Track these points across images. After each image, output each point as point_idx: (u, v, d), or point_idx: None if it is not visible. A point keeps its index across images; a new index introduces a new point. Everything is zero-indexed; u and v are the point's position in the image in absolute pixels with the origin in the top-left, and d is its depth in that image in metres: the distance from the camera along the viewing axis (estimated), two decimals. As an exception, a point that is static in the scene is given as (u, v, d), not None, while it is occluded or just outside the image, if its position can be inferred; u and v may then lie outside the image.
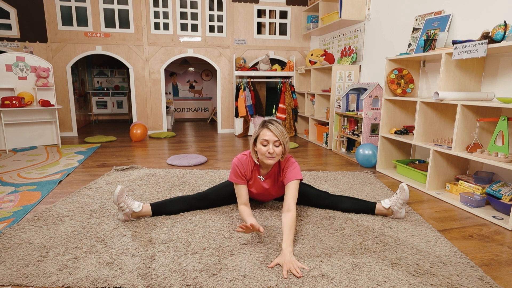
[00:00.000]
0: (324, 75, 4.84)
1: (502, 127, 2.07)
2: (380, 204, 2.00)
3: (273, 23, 5.55)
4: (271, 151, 1.75)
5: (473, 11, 2.55)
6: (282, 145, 1.78)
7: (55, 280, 1.32)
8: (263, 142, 1.77)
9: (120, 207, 1.85)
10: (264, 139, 1.76)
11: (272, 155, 1.77)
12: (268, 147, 1.76)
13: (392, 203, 1.97)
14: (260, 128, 1.81)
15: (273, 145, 1.76)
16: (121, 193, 1.83)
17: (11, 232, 1.74)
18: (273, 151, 1.75)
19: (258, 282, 1.32)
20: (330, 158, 3.76)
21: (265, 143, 1.77)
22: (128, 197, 1.89)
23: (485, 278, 1.37)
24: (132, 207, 1.87)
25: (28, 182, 2.66)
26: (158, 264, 1.44)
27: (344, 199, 2.09)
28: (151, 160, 3.53)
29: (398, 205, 1.95)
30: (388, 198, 2.02)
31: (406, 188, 1.90)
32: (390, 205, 1.97)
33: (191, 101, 8.19)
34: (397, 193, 1.97)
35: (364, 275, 1.38)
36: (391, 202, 1.97)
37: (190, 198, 2.07)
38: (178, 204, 2.02)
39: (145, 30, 5.11)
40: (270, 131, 1.76)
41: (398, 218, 1.99)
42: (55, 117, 4.22)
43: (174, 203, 2.02)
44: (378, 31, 3.80)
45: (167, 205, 2.00)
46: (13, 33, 4.66)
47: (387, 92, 3.03)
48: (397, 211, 1.96)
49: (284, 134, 1.78)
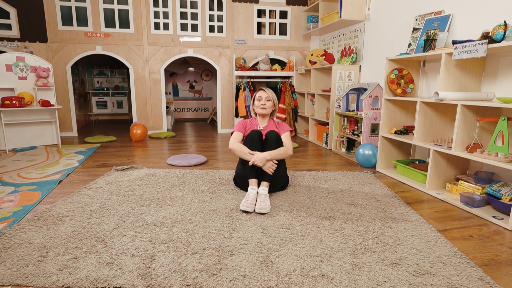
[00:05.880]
0: (324, 75, 4.84)
1: (502, 127, 2.07)
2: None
3: (273, 23, 5.55)
4: (264, 102, 2.45)
5: (473, 11, 2.55)
6: (272, 101, 2.48)
7: (55, 280, 1.32)
8: (258, 98, 2.48)
9: None
10: (259, 95, 2.48)
11: (264, 106, 2.45)
12: (261, 101, 2.45)
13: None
14: (256, 92, 2.53)
15: (265, 99, 2.45)
16: None
17: (11, 232, 1.74)
18: (265, 103, 2.45)
19: (258, 282, 1.32)
20: (330, 158, 3.76)
21: (259, 98, 2.47)
22: None
23: (485, 278, 1.37)
24: None
25: (28, 182, 2.66)
26: (158, 264, 1.44)
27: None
28: (151, 160, 3.53)
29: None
30: None
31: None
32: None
33: (191, 101, 8.19)
34: None
35: (364, 275, 1.38)
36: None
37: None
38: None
39: (145, 30, 5.11)
40: (263, 91, 2.48)
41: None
42: (55, 117, 4.22)
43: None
44: (378, 31, 3.80)
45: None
46: (13, 33, 4.66)
47: (387, 92, 3.03)
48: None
49: (273, 94, 2.50)
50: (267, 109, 2.46)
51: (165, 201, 2.25)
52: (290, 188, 2.58)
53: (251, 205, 2.06)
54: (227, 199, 2.30)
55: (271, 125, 2.54)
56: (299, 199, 2.33)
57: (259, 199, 2.12)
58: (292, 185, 2.64)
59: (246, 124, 2.52)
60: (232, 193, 2.43)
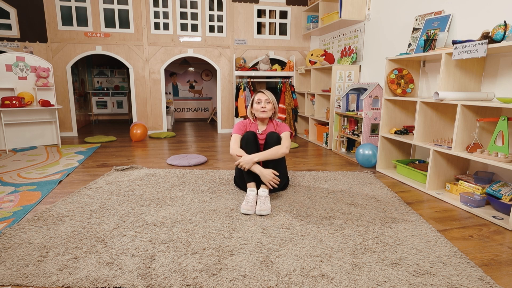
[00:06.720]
0: (324, 75, 4.84)
1: (502, 127, 2.07)
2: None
3: (273, 23, 5.55)
4: (263, 105, 2.36)
5: (473, 11, 2.55)
6: (271, 103, 2.39)
7: (55, 280, 1.32)
8: (258, 101, 2.38)
9: None
10: (258, 98, 2.39)
11: (264, 109, 2.36)
12: (261, 104, 2.36)
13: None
14: (255, 94, 2.43)
15: (265, 102, 2.37)
16: None
17: (11, 232, 1.74)
18: (265, 105, 2.36)
19: (258, 282, 1.32)
20: (330, 158, 3.76)
21: (259, 101, 2.38)
22: None
23: (485, 278, 1.37)
24: None
25: (28, 182, 2.66)
26: (158, 264, 1.44)
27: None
28: (151, 160, 3.52)
29: None
30: None
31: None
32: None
33: (191, 101, 8.19)
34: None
35: (364, 275, 1.38)
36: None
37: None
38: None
39: (145, 30, 5.11)
40: (262, 93, 2.40)
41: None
42: (55, 117, 4.22)
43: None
44: (378, 31, 3.80)
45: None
46: (13, 33, 4.66)
47: (387, 92, 3.03)
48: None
49: (273, 96, 2.43)
50: (267, 112, 2.38)
51: (165, 201, 2.25)
52: (290, 188, 2.58)
53: (252, 207, 2.05)
54: (227, 199, 2.29)
55: (270, 128, 2.47)
56: (299, 199, 2.33)
57: (259, 200, 2.11)
58: (292, 185, 2.64)
59: (245, 126, 2.45)
60: (232, 193, 2.43)
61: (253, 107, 2.42)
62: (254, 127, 2.47)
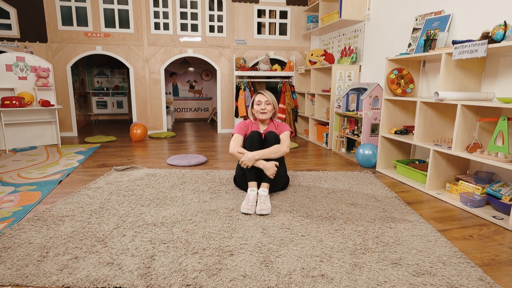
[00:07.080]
0: (324, 75, 4.84)
1: (502, 127, 2.07)
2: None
3: (273, 23, 5.55)
4: (263, 107, 2.38)
5: (473, 11, 2.55)
6: (271, 104, 2.42)
7: (55, 280, 1.32)
8: (258, 102, 2.41)
9: None
10: (258, 100, 2.41)
11: (264, 110, 2.39)
12: (261, 105, 2.39)
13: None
14: (255, 95, 2.45)
15: (265, 103, 2.39)
16: None
17: (11, 232, 1.74)
18: (265, 107, 2.39)
19: (258, 282, 1.32)
20: (330, 158, 3.76)
21: (259, 103, 2.40)
22: None
23: (485, 278, 1.37)
24: None
25: (28, 182, 2.66)
26: (158, 264, 1.44)
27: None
28: (151, 160, 3.52)
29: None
30: None
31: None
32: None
33: (191, 101, 8.19)
34: None
35: (364, 275, 1.38)
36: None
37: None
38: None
39: (145, 30, 5.11)
40: (262, 95, 2.42)
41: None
42: (55, 117, 4.22)
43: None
44: (378, 31, 3.80)
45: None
46: (13, 33, 4.66)
47: (387, 92, 3.03)
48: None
49: (272, 97, 2.44)
50: (267, 113, 2.41)
51: (165, 201, 2.25)
52: (290, 188, 2.58)
53: (252, 207, 2.05)
54: (227, 199, 2.29)
55: (271, 128, 2.51)
56: (299, 199, 2.33)
57: (259, 200, 2.12)
58: (292, 185, 2.64)
59: (247, 126, 2.47)
60: (232, 193, 2.43)
61: (253, 108, 2.45)
62: (255, 127, 2.49)
